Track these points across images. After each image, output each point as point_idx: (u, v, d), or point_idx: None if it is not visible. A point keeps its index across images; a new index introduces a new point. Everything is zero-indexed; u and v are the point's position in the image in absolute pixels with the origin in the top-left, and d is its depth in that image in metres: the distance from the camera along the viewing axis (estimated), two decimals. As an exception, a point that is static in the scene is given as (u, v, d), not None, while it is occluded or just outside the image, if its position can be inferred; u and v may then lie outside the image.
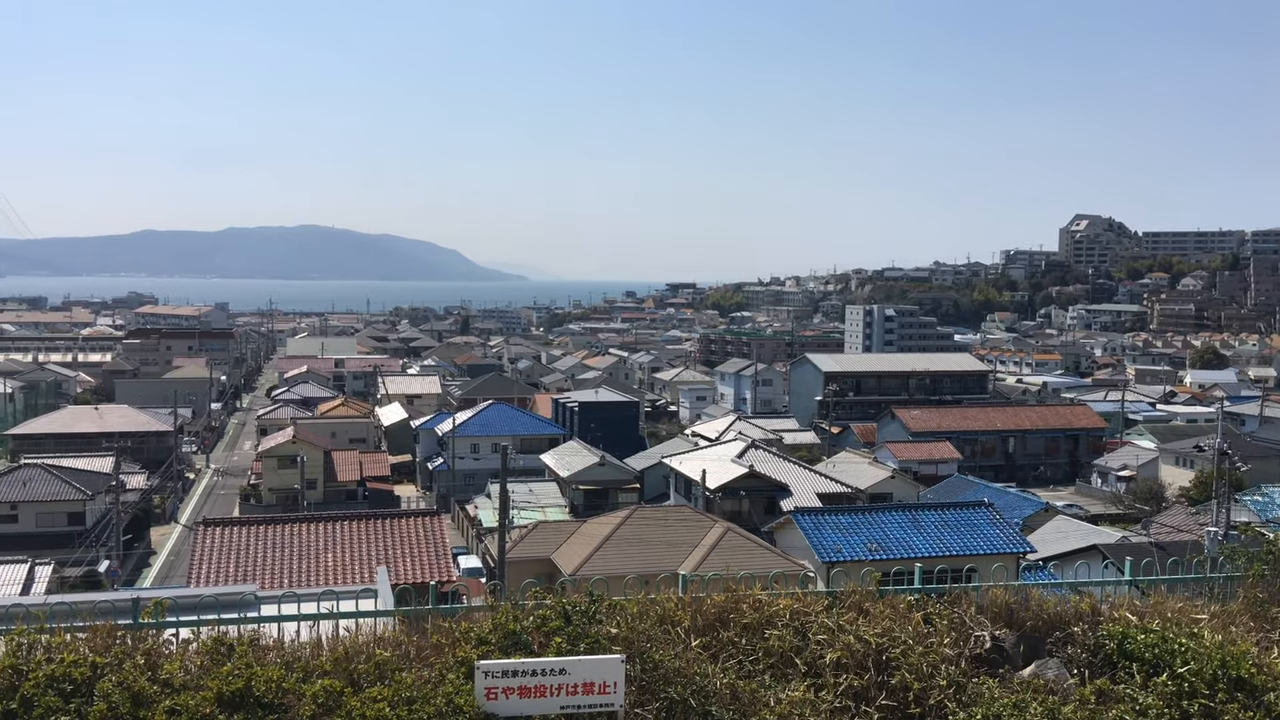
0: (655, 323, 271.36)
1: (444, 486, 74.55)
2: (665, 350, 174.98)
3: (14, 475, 59.00)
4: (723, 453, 64.35)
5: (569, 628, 7.92)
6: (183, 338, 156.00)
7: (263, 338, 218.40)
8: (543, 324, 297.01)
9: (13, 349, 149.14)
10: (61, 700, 6.94)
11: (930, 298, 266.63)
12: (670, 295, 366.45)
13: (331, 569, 34.85)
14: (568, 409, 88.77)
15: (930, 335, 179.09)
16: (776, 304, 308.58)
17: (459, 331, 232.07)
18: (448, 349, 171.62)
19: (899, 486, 62.97)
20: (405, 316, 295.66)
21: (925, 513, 42.33)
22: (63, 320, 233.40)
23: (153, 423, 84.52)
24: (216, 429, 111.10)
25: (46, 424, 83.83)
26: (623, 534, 41.44)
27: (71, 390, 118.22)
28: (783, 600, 8.85)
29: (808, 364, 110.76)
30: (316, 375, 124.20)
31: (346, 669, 7.48)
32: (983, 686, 7.98)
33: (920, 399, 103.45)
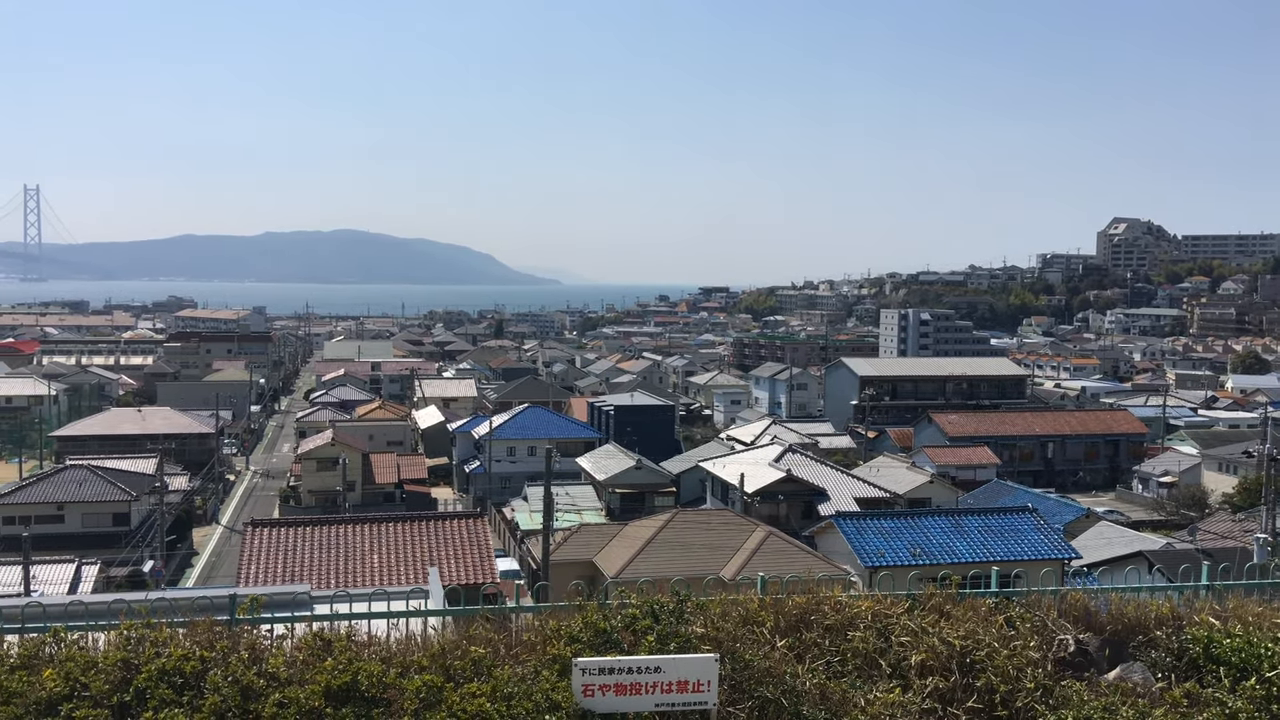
0: (688, 326, 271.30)
1: (481, 489, 74.92)
2: (699, 354, 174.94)
3: (60, 476, 59.81)
4: (759, 457, 64.23)
5: (658, 626, 8.03)
6: (222, 341, 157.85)
7: (300, 341, 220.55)
8: (576, 328, 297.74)
9: (56, 352, 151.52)
10: (174, 693, 7.12)
11: (966, 301, 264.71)
12: (703, 299, 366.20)
13: (377, 569, 35.22)
14: (603, 412, 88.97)
15: (966, 339, 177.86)
16: (810, 308, 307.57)
17: (493, 335, 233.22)
18: (482, 352, 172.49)
19: (938, 491, 62.59)
20: (440, 320, 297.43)
21: (968, 518, 42.15)
22: (105, 324, 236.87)
23: (194, 425, 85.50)
24: (256, 431, 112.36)
25: (91, 426, 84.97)
26: (664, 537, 41.53)
27: (114, 393, 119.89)
28: (864, 602, 8.90)
29: (843, 368, 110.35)
30: (353, 378, 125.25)
31: (443, 665, 7.62)
32: (1070, 689, 7.99)
33: (957, 404, 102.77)
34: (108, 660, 7.38)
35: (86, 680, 7.19)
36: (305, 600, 11.14)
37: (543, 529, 39.86)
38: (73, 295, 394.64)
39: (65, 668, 7.30)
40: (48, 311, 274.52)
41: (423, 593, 12.64)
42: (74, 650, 7.62)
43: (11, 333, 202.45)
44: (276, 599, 10.49)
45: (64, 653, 7.61)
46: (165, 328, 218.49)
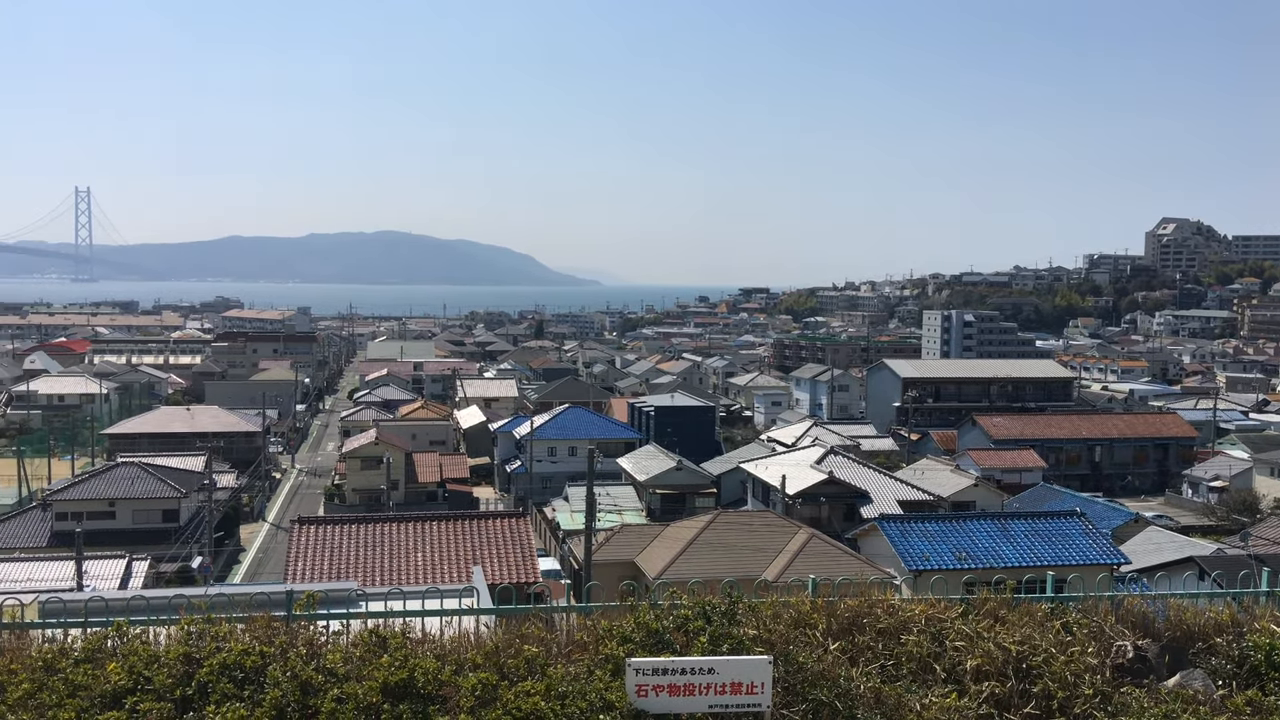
0: (728, 327, 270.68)
1: (522, 489, 75.21)
2: (739, 355, 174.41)
3: (112, 473, 60.78)
4: (800, 458, 63.93)
5: (710, 628, 8.02)
6: (268, 341, 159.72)
7: (344, 341, 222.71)
8: (616, 328, 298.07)
9: (107, 351, 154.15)
10: (235, 687, 7.23)
11: (1010, 303, 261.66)
12: (743, 300, 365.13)
13: (421, 567, 35.47)
14: (643, 413, 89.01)
15: (1010, 341, 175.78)
16: (851, 309, 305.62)
17: (533, 336, 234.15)
18: (523, 353, 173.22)
19: (982, 495, 61.93)
20: (481, 321, 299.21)
21: (1014, 522, 41.65)
22: (154, 324, 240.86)
23: (241, 423, 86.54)
24: (301, 430, 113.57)
25: (141, 424, 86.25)
26: (706, 538, 41.44)
27: (163, 391, 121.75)
28: (917, 606, 8.84)
29: (885, 369, 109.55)
30: (396, 378, 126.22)
31: (496, 663, 7.67)
32: (1129, 696, 7.88)
33: (1001, 406, 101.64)
34: (170, 654, 7.50)
35: (150, 674, 7.32)
36: (354, 597, 11.26)
37: (585, 529, 39.94)
38: (123, 296, 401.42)
39: (129, 661, 7.43)
40: (99, 312, 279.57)
41: (472, 591, 12.72)
42: (137, 644, 7.76)
43: (64, 332, 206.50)
44: (328, 596, 10.61)
45: (127, 646, 7.75)
46: (213, 328, 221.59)
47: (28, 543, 52.12)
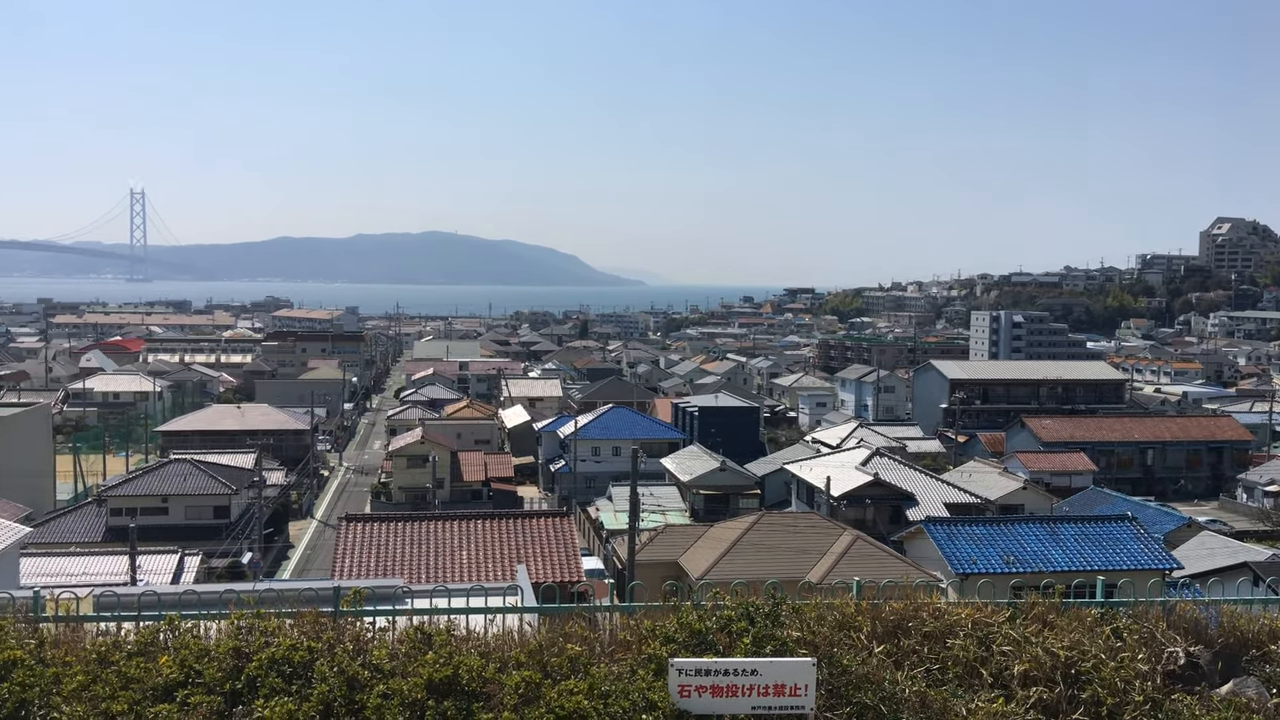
0: (773, 328, 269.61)
1: (566, 488, 75.49)
2: (784, 355, 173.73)
3: (165, 470, 61.80)
4: (846, 460, 63.54)
5: (754, 629, 8.00)
6: (317, 340, 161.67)
7: (390, 341, 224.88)
8: (660, 329, 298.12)
9: (161, 350, 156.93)
10: (283, 682, 7.33)
11: (1060, 303, 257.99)
12: (788, 300, 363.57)
13: (466, 566, 35.72)
14: (687, 414, 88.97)
15: (1060, 342, 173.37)
16: (898, 309, 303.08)
17: (578, 336, 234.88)
18: (567, 353, 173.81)
19: (1031, 498, 61.13)
20: (525, 321, 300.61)
21: (1064, 525, 41.05)
22: (206, 323, 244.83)
23: (290, 421, 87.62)
24: (348, 428, 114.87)
25: (193, 421, 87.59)
26: (750, 539, 41.34)
27: (215, 389, 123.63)
28: (964, 609, 8.74)
29: (932, 370, 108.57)
30: (442, 377, 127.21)
31: (540, 661, 7.71)
32: (1181, 704, 7.74)
33: (1051, 408, 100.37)
34: (220, 649, 7.63)
35: (200, 667, 7.44)
36: (400, 594, 11.36)
37: (628, 529, 39.99)
38: (176, 295, 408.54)
39: (180, 655, 7.57)
40: (153, 311, 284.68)
41: (516, 589, 12.79)
42: (188, 638, 7.90)
43: (119, 331, 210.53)
44: (375, 592, 10.72)
45: (178, 640, 7.89)
46: (263, 327, 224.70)
47: (83, 537, 53.13)
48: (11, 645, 7.67)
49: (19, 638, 7.91)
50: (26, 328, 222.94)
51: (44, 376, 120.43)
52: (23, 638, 7.95)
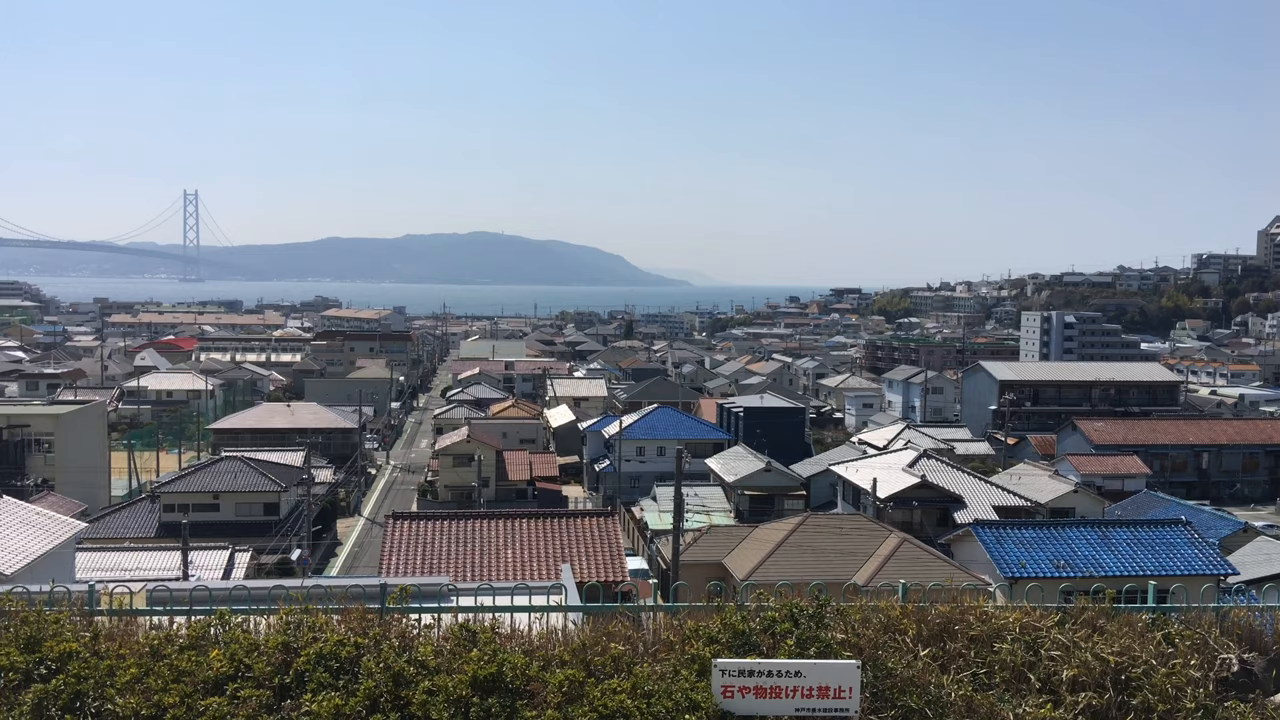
0: (819, 328, 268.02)
1: (610, 488, 75.59)
2: (830, 356, 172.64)
3: (216, 467, 62.73)
4: (892, 461, 62.99)
5: (797, 630, 7.97)
6: (365, 340, 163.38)
7: (437, 340, 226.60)
8: (705, 329, 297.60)
9: (213, 349, 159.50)
10: (330, 676, 7.43)
11: (1114, 304, 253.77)
12: (835, 300, 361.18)
13: (511, 564, 35.87)
14: (732, 414, 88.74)
15: (1114, 344, 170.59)
16: (946, 310, 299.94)
17: (623, 336, 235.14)
18: (612, 353, 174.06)
19: (1082, 502, 60.21)
20: (571, 321, 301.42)
21: (1116, 529, 40.39)
22: (256, 322, 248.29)
23: (339, 420, 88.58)
24: (395, 427, 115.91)
25: (243, 419, 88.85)
26: (795, 541, 41.15)
27: (265, 388, 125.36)
28: (1011, 614, 8.63)
29: (981, 372, 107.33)
30: (488, 377, 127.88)
31: (583, 660, 7.73)
32: (1233, 711, 7.59)
33: (1103, 410, 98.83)
34: (269, 643, 7.74)
35: (250, 661, 7.56)
36: (446, 592, 11.44)
37: (673, 529, 39.96)
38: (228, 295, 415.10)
39: (230, 649, 7.69)
40: (205, 310, 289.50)
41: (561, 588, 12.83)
42: (238, 633, 8.03)
43: (172, 330, 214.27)
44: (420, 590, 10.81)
45: (229, 634, 8.02)
46: (312, 326, 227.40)
47: (137, 533, 54.07)
48: (67, 638, 7.85)
49: (75, 630, 8.09)
50: (83, 327, 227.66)
51: (100, 375, 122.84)
52: (78, 630, 8.13)
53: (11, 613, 8.27)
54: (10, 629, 8.03)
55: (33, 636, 7.88)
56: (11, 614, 8.25)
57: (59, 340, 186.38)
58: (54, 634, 7.90)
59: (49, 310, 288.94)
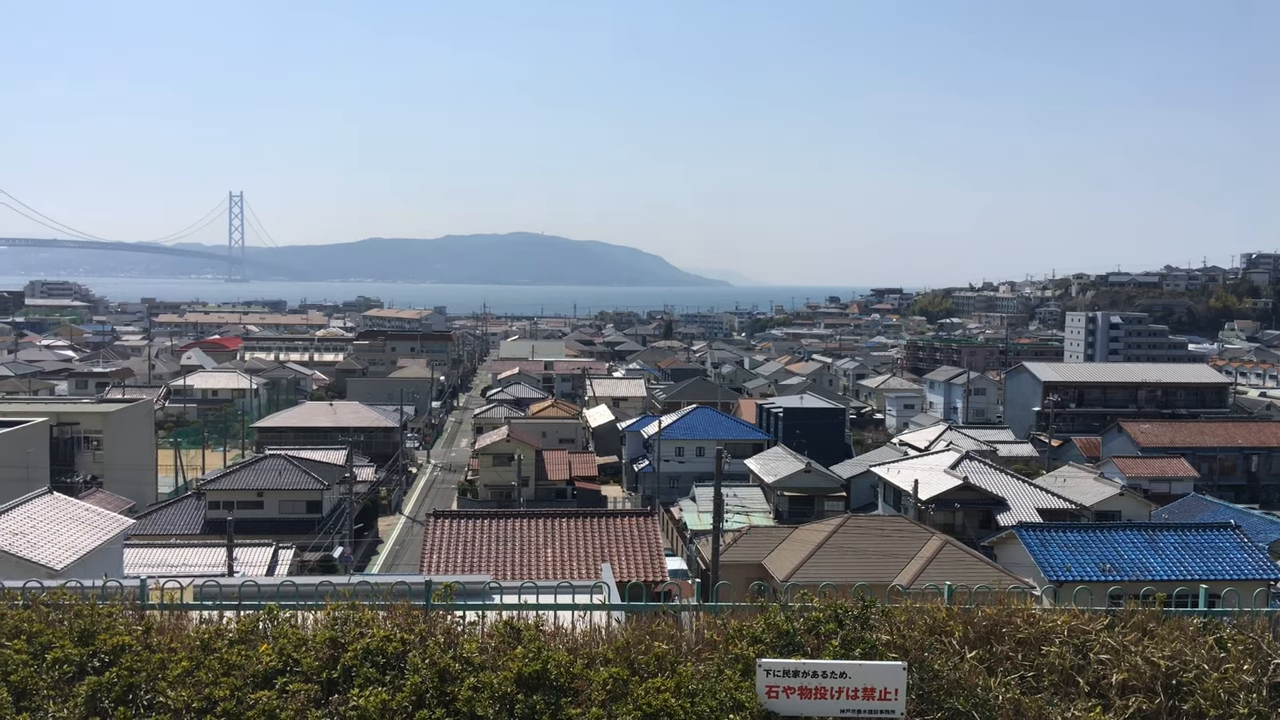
0: (859, 329, 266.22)
1: (649, 488, 75.59)
2: (870, 357, 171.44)
3: (260, 465, 63.42)
4: (934, 463, 62.42)
5: (843, 631, 7.92)
6: (406, 340, 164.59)
7: (477, 340, 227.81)
8: (744, 329, 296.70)
9: (257, 348, 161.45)
10: (377, 672, 7.49)
11: (1160, 304, 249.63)
12: (875, 301, 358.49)
13: (551, 563, 35.98)
14: (772, 414, 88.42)
15: (1160, 345, 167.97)
16: (989, 310, 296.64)
17: (662, 336, 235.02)
18: (651, 353, 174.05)
19: (1128, 505, 59.31)
20: (610, 321, 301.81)
21: (1163, 533, 39.77)
22: (300, 322, 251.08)
23: (380, 419, 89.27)
24: (436, 426, 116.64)
25: (287, 418, 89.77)
26: (836, 542, 40.92)
27: (308, 387, 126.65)
28: (1059, 616, 8.52)
29: (1025, 373, 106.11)
30: (528, 377, 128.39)
31: (627, 658, 7.74)
32: (1289, 718, 7.44)
33: (1150, 412, 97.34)
34: (317, 639, 7.82)
35: (298, 656, 7.64)
36: (487, 590, 11.50)
37: (713, 530, 39.89)
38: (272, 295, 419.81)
39: (279, 644, 7.78)
40: (249, 310, 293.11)
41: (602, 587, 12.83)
42: (286, 628, 8.12)
43: (218, 330, 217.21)
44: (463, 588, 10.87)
45: (277, 629, 8.11)
46: (354, 326, 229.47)
47: (183, 529, 54.83)
48: (120, 631, 7.99)
49: (127, 624, 8.22)
50: (131, 326, 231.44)
51: (147, 374, 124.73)
52: (130, 624, 8.26)
53: (66, 606, 8.44)
54: (64, 622, 8.19)
55: (86, 629, 8.03)
56: (66, 608, 8.41)
57: (108, 340, 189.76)
58: (107, 627, 8.05)
59: (98, 310, 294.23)
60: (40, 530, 33.00)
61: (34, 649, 7.71)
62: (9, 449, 51.41)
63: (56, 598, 8.65)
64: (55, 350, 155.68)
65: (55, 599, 8.63)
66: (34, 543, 31.72)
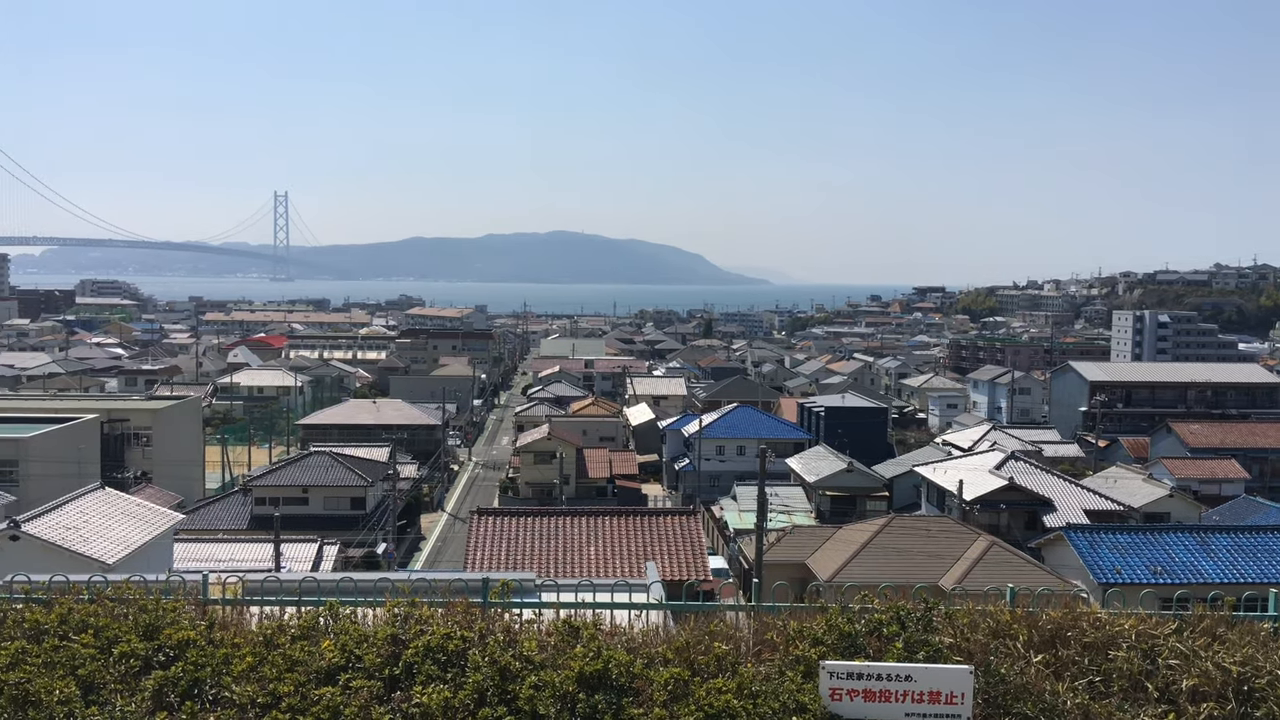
0: (901, 327, 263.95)
1: (689, 487, 75.47)
2: (912, 356, 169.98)
3: (305, 461, 64.04)
4: (978, 463, 61.75)
5: (905, 633, 7.80)
6: (448, 338, 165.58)
7: (518, 338, 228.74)
8: (784, 328, 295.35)
9: (302, 346, 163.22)
10: (439, 669, 7.49)
11: (1210, 303, 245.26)
12: (917, 299, 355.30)
13: (594, 561, 36.01)
14: (813, 414, 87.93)
15: (1209, 344, 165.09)
16: (1033, 309, 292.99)
17: (702, 334, 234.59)
18: (691, 351, 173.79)
19: (1178, 506, 58.30)
20: (650, 319, 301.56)
21: (1216, 535, 39.05)
22: (343, 320, 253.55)
23: (422, 417, 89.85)
24: (477, 424, 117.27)
25: (331, 415, 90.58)
26: (881, 542, 40.60)
27: (352, 385, 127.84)
28: (1126, 620, 8.34)
29: (1071, 372, 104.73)
30: (568, 375, 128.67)
31: (687, 659, 7.67)
32: (1365, 726, 7.23)
33: (1199, 412, 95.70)
34: (379, 635, 7.83)
35: (360, 653, 7.66)
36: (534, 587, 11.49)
37: (756, 529, 39.72)
38: (315, 294, 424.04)
39: (341, 640, 7.80)
40: (294, 309, 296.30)
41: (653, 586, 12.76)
42: (347, 624, 8.14)
43: (263, 328, 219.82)
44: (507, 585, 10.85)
45: (339, 625, 8.14)
46: (396, 325, 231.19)
47: (229, 525, 55.48)
48: (185, 626, 8.06)
49: (191, 619, 8.30)
50: (179, 325, 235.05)
51: (195, 371, 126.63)
52: (194, 619, 8.33)
53: (130, 601, 8.53)
54: (129, 616, 8.28)
55: (151, 624, 8.11)
56: (130, 602, 8.51)
57: (156, 338, 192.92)
58: (171, 622, 8.12)
59: (147, 309, 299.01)
60: (93, 525, 33.54)
61: (100, 643, 7.80)
62: (62, 445, 52.38)
63: (121, 592, 8.75)
64: (105, 348, 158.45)
65: (119, 593, 8.73)
66: (86, 537, 32.25)
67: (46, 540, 30.55)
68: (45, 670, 7.46)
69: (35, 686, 7.21)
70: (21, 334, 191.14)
